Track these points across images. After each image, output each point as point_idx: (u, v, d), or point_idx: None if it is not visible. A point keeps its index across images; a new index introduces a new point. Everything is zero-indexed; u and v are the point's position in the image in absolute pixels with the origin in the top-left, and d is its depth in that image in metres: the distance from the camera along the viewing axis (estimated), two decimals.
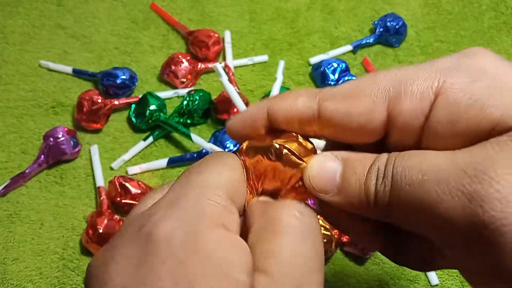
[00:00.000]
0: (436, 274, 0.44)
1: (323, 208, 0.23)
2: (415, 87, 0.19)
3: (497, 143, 0.17)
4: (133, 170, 0.49)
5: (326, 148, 0.25)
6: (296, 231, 0.20)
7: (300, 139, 0.23)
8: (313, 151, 0.23)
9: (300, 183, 0.22)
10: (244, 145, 0.23)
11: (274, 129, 0.23)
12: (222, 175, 0.21)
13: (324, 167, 0.21)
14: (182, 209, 0.19)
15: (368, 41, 0.57)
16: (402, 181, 0.18)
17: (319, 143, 0.24)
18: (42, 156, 0.48)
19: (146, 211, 0.21)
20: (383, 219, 0.21)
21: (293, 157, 0.22)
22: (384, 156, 0.20)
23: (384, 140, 0.21)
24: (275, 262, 0.20)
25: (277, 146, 0.22)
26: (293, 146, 0.22)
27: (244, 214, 0.23)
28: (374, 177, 0.20)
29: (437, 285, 0.44)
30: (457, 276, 0.44)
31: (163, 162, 0.49)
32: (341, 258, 0.45)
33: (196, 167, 0.22)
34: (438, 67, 0.19)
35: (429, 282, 0.44)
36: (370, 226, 0.23)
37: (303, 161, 0.22)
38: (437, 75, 0.19)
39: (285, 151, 0.22)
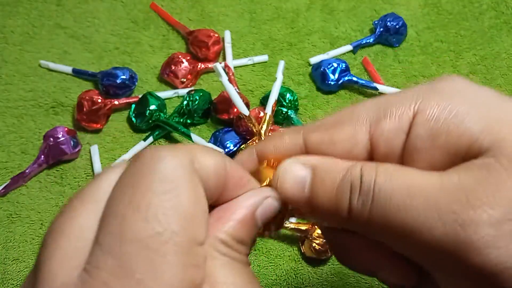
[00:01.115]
0: None
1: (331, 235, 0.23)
2: (393, 109, 0.20)
3: (485, 166, 0.17)
4: None
5: None
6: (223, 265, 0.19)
7: None
8: None
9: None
10: None
11: None
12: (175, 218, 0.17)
13: (292, 174, 0.21)
14: None
15: (368, 41, 0.57)
16: (387, 203, 0.18)
17: None
18: (42, 156, 0.48)
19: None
20: (360, 232, 0.20)
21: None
22: (356, 167, 0.19)
23: None
24: None
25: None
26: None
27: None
28: (347, 191, 0.19)
29: None
30: None
31: None
32: None
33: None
34: (415, 91, 0.20)
35: None
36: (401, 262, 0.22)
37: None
38: (414, 96, 0.20)
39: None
